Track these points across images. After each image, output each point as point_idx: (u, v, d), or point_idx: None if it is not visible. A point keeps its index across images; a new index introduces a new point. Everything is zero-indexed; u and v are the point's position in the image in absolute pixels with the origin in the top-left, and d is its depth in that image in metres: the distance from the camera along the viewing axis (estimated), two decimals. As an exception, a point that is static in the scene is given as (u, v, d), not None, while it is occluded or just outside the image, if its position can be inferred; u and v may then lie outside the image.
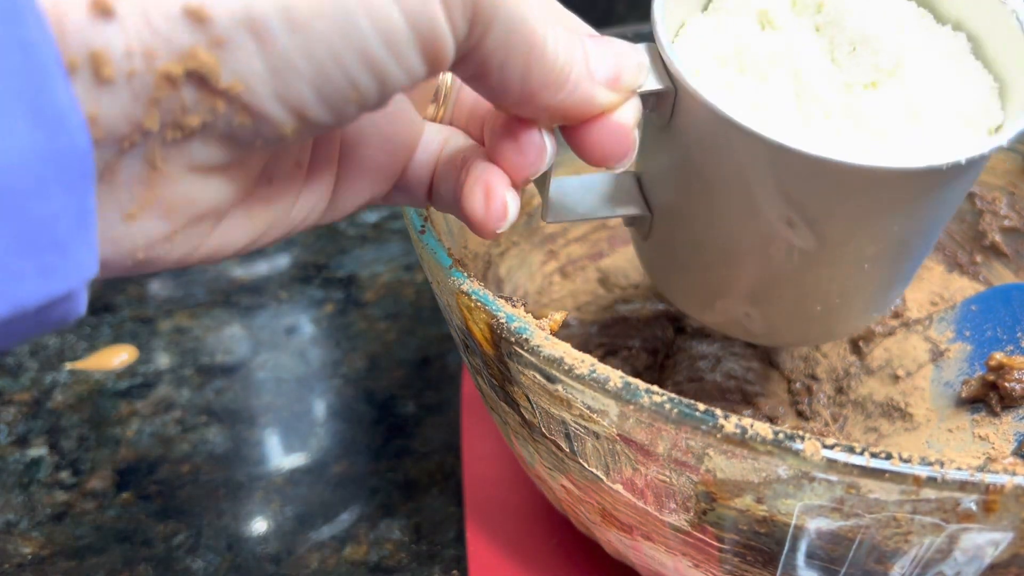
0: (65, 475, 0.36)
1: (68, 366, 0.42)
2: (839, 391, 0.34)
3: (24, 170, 0.13)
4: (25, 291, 0.14)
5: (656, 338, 0.38)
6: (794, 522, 0.20)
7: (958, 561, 0.20)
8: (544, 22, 0.18)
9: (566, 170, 0.28)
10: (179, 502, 0.35)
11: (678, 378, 0.36)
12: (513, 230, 0.37)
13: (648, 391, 0.20)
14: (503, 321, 0.22)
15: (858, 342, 0.36)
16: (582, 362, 0.20)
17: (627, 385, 0.20)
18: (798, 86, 0.24)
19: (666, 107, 0.24)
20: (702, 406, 0.19)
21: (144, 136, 0.16)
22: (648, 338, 0.38)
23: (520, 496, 0.34)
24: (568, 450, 0.23)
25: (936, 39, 0.26)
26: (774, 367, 0.36)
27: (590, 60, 0.20)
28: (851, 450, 0.18)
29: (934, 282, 0.39)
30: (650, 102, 0.24)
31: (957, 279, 0.39)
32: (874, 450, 0.18)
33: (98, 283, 0.48)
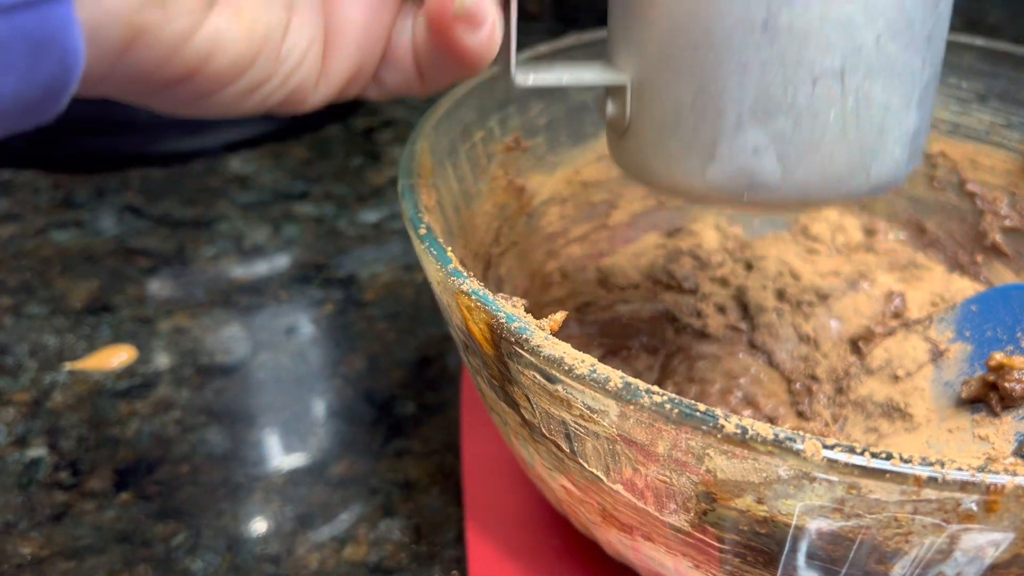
0: (64, 475, 0.36)
1: (67, 366, 0.42)
2: (839, 391, 0.34)
3: None
4: None
5: (656, 338, 0.38)
6: (794, 523, 0.20)
7: (959, 562, 0.20)
8: None
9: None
10: (179, 502, 0.35)
11: (678, 378, 0.36)
12: (513, 230, 0.37)
13: (648, 391, 0.20)
14: (503, 321, 0.22)
15: (858, 342, 0.36)
16: (582, 362, 0.20)
17: (627, 385, 0.20)
18: None
19: None
20: (702, 406, 0.19)
21: None
22: (648, 338, 0.38)
23: (520, 496, 0.34)
24: (568, 450, 0.23)
25: None
26: (774, 367, 0.36)
27: None
28: (852, 450, 0.18)
29: (934, 282, 0.39)
30: None
31: (958, 279, 0.39)
32: (875, 450, 0.18)
33: (98, 283, 0.48)
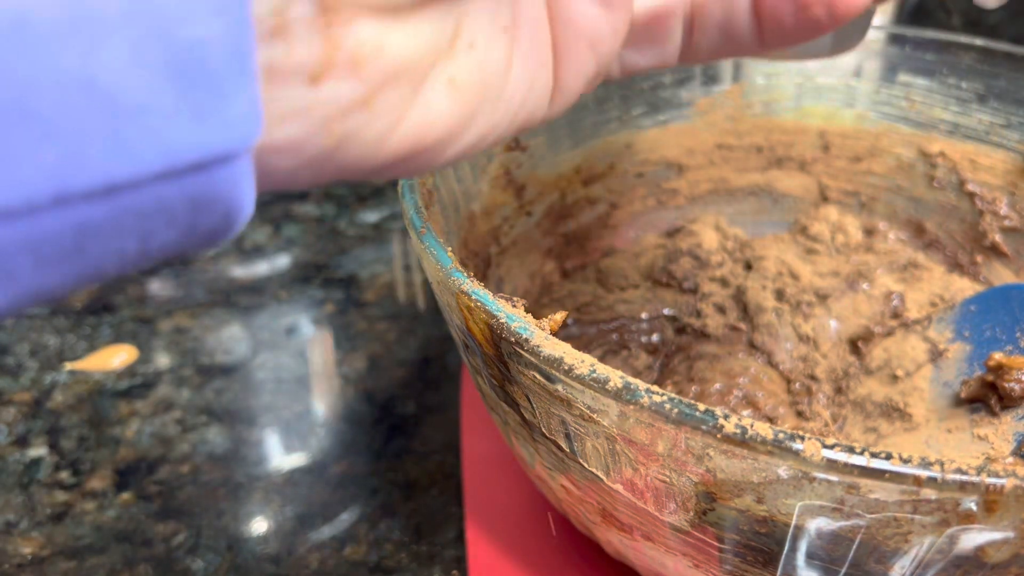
0: (65, 475, 0.36)
1: (68, 366, 0.42)
2: (838, 391, 0.34)
3: None
4: (176, 133, 0.12)
5: (656, 338, 0.38)
6: (794, 522, 0.20)
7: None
8: None
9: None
10: (179, 502, 0.35)
11: (678, 378, 0.36)
12: (513, 230, 0.37)
13: (648, 391, 0.20)
14: (503, 321, 0.22)
15: (857, 342, 0.36)
16: (582, 362, 0.20)
17: (627, 385, 0.20)
18: None
19: None
20: (702, 406, 0.19)
21: None
22: (648, 338, 0.38)
23: (520, 496, 0.34)
24: (568, 450, 0.23)
25: None
26: (773, 367, 0.36)
27: None
28: (851, 450, 0.18)
29: (934, 283, 0.39)
30: None
31: (957, 280, 0.39)
32: (874, 450, 0.18)
33: (98, 284, 0.48)
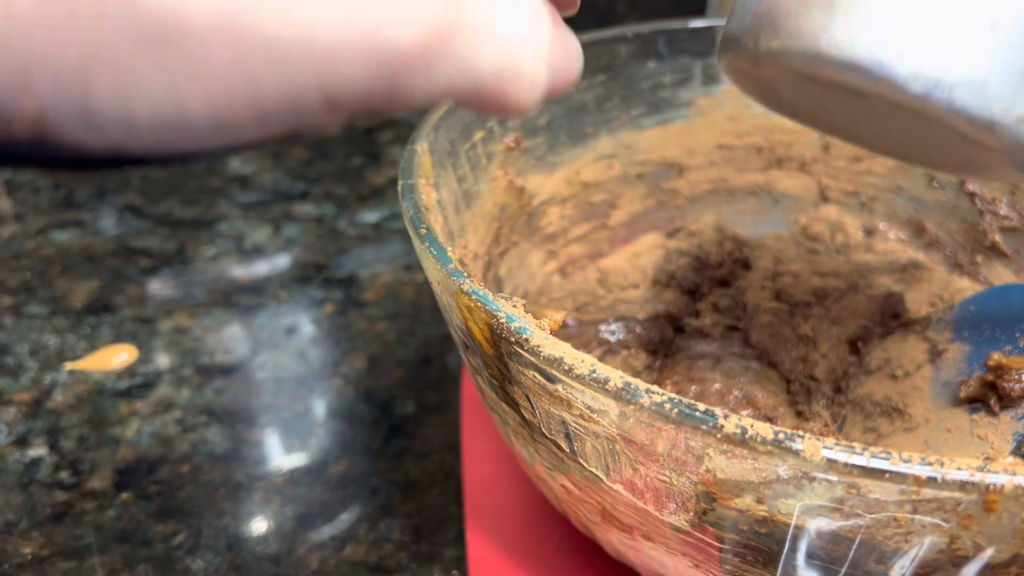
0: (65, 475, 0.36)
1: (68, 366, 0.42)
2: (838, 391, 0.34)
3: None
4: None
5: (656, 338, 0.38)
6: (794, 522, 0.20)
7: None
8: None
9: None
10: (179, 502, 0.35)
11: (677, 378, 0.36)
12: (513, 230, 0.37)
13: (648, 391, 0.20)
14: (503, 321, 0.22)
15: (856, 342, 0.36)
16: (582, 362, 0.20)
17: (627, 385, 0.20)
18: None
19: None
20: (702, 406, 0.19)
21: None
22: (648, 338, 0.38)
23: (520, 496, 0.34)
24: (568, 450, 0.23)
25: None
26: (773, 367, 0.36)
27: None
28: (851, 450, 0.18)
29: (934, 283, 0.39)
30: None
31: (957, 280, 0.39)
32: (874, 450, 0.18)
33: (99, 283, 0.48)
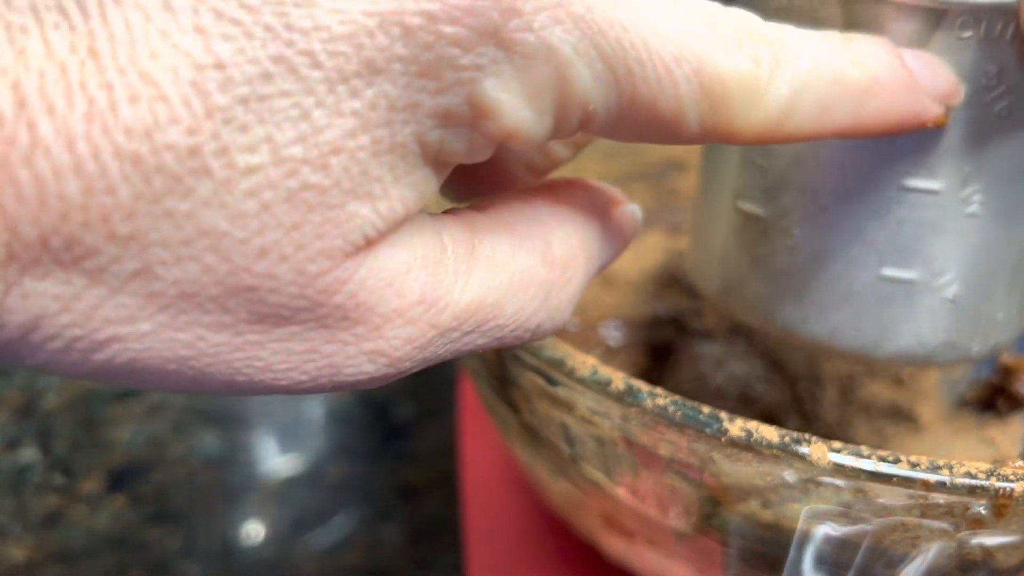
0: (57, 478, 0.36)
1: (62, 368, 0.42)
2: (843, 394, 0.34)
3: None
4: None
5: (657, 339, 0.37)
6: (800, 527, 0.20)
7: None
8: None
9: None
10: (173, 506, 0.35)
11: (679, 379, 0.35)
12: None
13: (651, 394, 0.19)
14: (503, 322, 0.21)
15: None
16: (583, 364, 0.20)
17: (630, 387, 0.19)
18: None
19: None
20: (706, 409, 0.19)
21: None
22: (649, 339, 0.37)
23: (519, 500, 0.34)
24: (569, 454, 0.23)
25: None
26: (777, 370, 0.36)
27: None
28: (858, 454, 0.18)
29: (938, 284, 0.39)
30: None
31: (961, 280, 0.39)
32: (882, 454, 0.18)
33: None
